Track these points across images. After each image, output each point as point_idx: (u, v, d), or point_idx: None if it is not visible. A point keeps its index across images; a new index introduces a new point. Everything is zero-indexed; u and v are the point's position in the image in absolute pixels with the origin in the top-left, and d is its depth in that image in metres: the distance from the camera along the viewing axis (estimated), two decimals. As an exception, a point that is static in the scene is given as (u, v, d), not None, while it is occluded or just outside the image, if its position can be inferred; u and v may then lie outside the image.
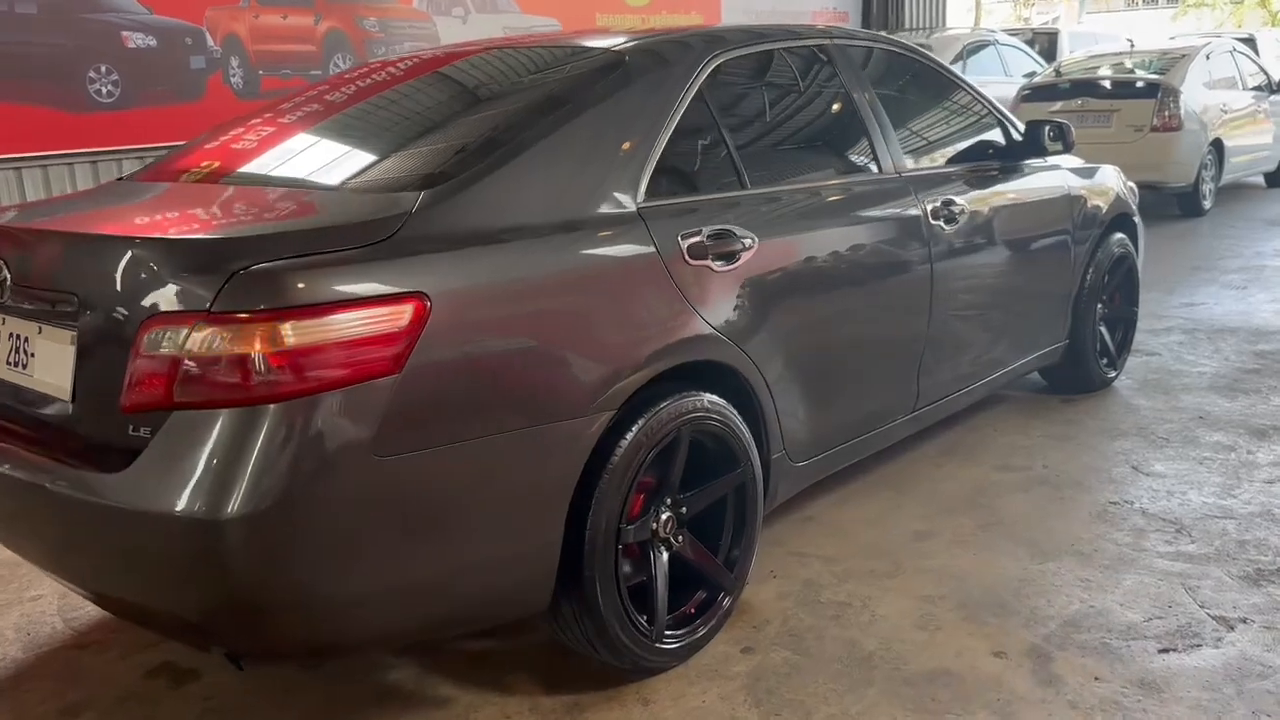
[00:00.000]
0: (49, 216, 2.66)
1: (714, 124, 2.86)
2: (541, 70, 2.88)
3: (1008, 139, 4.04)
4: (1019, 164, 4.02)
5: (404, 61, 3.15)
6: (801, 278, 2.94)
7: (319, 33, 9.25)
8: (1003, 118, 4.05)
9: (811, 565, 3.20)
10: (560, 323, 2.30)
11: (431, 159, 2.47)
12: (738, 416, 2.74)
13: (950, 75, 3.89)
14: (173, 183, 2.76)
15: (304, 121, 2.90)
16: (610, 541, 2.42)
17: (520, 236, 2.29)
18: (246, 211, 2.37)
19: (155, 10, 8.20)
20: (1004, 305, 3.90)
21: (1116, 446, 4.07)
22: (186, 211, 2.44)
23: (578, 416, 2.30)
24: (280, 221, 2.28)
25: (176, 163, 2.92)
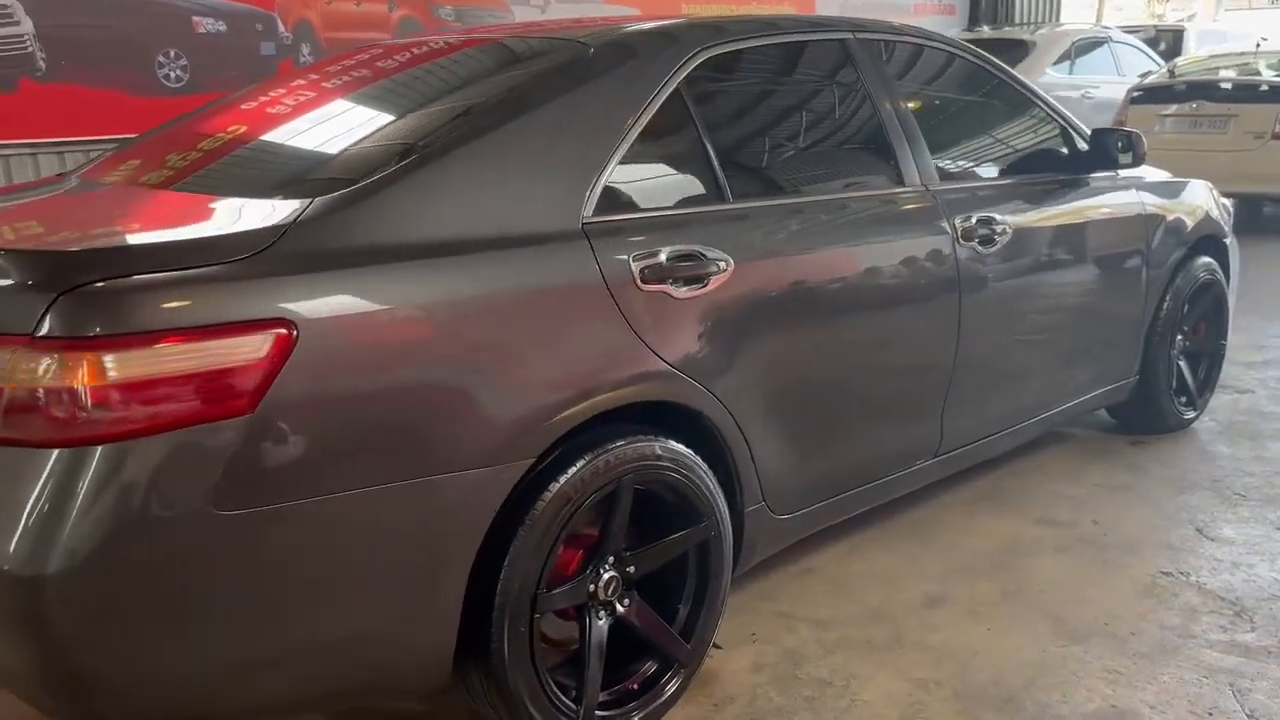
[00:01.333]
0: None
1: (693, 128, 2.50)
2: (500, 67, 2.56)
3: (1071, 150, 3.57)
4: (1083, 178, 3.54)
5: (360, 55, 2.86)
6: (788, 306, 2.57)
7: (393, 20, 9.11)
8: (1067, 126, 3.58)
9: (800, 630, 2.82)
10: (466, 357, 1.98)
11: (341, 164, 2.18)
12: (701, 464, 2.39)
13: (1005, 77, 3.43)
14: (88, 181, 2.53)
15: (243, 120, 2.63)
16: (525, 608, 2.09)
17: (424, 255, 1.98)
18: (121, 219, 2.12)
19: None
20: (1056, 337, 3.45)
21: (1182, 502, 3.56)
22: (65, 216, 2.20)
23: (483, 466, 1.98)
24: (144, 232, 2.02)
25: (114, 159, 2.70)
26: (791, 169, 2.84)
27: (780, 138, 2.86)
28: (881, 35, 3.09)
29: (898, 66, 3.16)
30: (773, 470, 2.60)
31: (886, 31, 3.13)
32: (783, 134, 2.87)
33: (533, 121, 2.23)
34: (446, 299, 1.97)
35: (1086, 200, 3.51)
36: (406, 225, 1.99)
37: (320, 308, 1.83)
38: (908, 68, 3.21)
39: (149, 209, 2.17)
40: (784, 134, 2.87)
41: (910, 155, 2.95)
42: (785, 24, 2.88)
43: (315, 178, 2.10)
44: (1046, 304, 3.37)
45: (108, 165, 2.63)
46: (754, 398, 2.49)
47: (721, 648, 2.73)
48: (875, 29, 3.08)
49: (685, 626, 2.45)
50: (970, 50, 3.35)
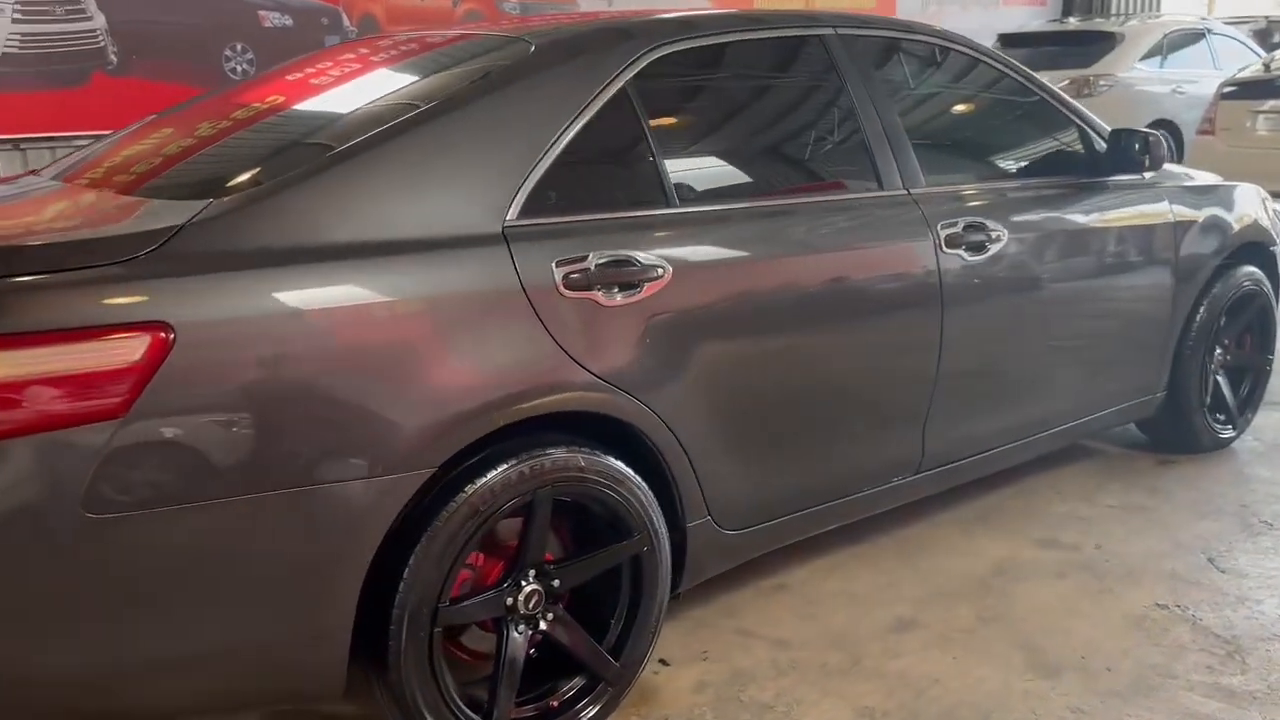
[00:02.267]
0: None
1: (641, 129, 2.41)
2: (443, 68, 2.50)
3: (1088, 152, 3.37)
4: (1098, 182, 3.33)
5: (321, 59, 2.82)
6: (736, 316, 2.46)
7: (457, 14, 9.17)
8: (1086, 126, 3.37)
9: (755, 650, 2.71)
10: (357, 365, 1.93)
11: (250, 164, 2.14)
12: (633, 478, 2.30)
13: (1015, 74, 3.24)
14: (41, 180, 2.56)
15: (192, 122, 2.61)
16: (424, 620, 2.04)
17: (316, 259, 1.94)
18: (29, 218, 2.13)
19: (292, -10, 8.31)
20: (1063, 350, 3.26)
21: (1200, 529, 3.34)
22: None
23: (373, 476, 1.94)
24: (41, 233, 2.02)
25: (79, 159, 2.72)
26: (751, 172, 2.73)
27: (741, 140, 2.75)
28: (869, 31, 2.95)
29: (889, 64, 3.02)
30: (719, 485, 2.51)
31: (877, 27, 2.99)
32: (743, 136, 2.76)
33: (454, 123, 2.18)
34: (338, 304, 1.93)
35: (1099, 205, 3.30)
36: (302, 229, 1.95)
37: (200, 311, 1.81)
38: (901, 65, 3.06)
39: (67, 209, 2.18)
40: (745, 136, 2.76)
41: (892, 158, 2.81)
42: (757, 20, 2.76)
43: (230, 181, 2.07)
44: (1050, 315, 3.18)
45: (79, 163, 2.66)
46: (696, 410, 2.40)
47: (669, 664, 2.65)
48: (863, 24, 2.94)
49: (616, 644, 2.38)
50: (975, 47, 3.17)
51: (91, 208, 2.16)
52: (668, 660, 2.66)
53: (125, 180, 2.26)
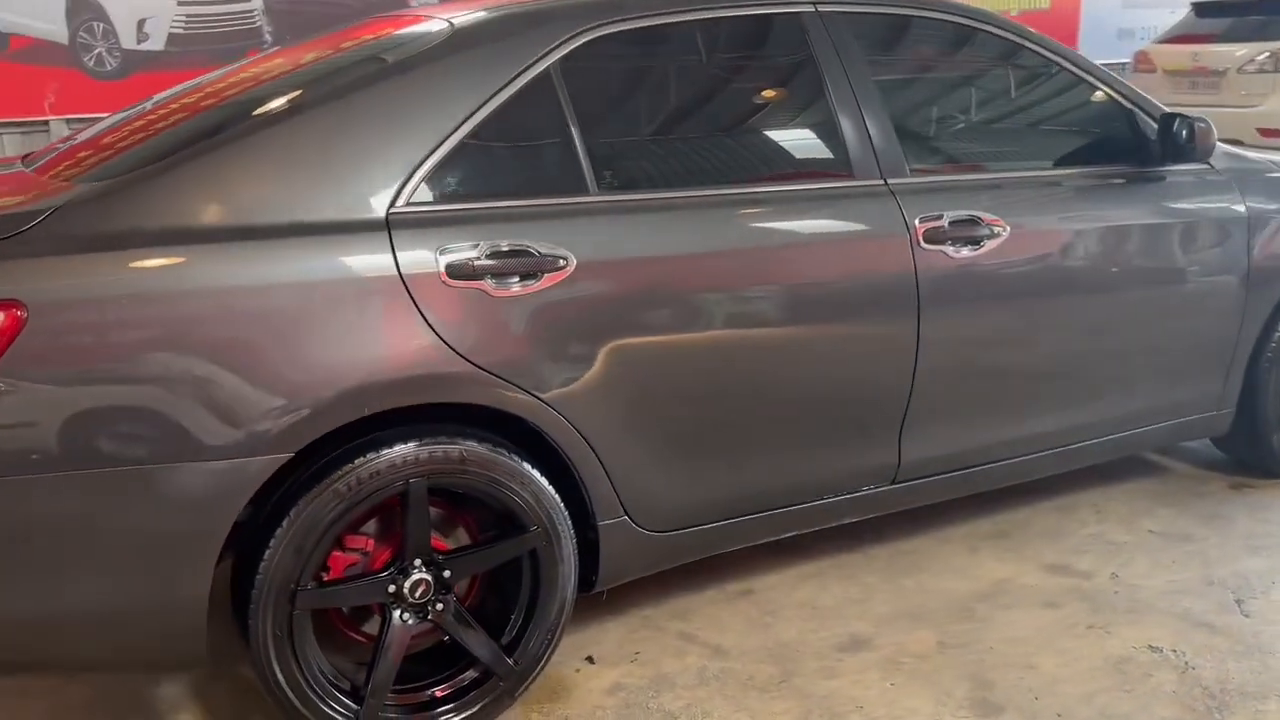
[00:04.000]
0: None
1: (561, 115, 2.33)
2: (369, 51, 2.47)
3: (1136, 138, 3.02)
4: (1144, 171, 3.00)
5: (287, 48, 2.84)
6: (655, 312, 2.36)
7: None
8: (1135, 108, 3.02)
9: (689, 655, 2.62)
10: (214, 348, 1.97)
11: (153, 152, 2.18)
12: (526, 472, 2.26)
13: (1043, 50, 2.92)
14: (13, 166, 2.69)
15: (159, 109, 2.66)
16: (284, 602, 2.08)
17: (187, 241, 1.99)
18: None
19: (440, -30, 8.53)
20: (1086, 359, 2.97)
21: (1243, 567, 2.98)
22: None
23: (225, 458, 1.98)
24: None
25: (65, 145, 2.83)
26: (692, 161, 2.59)
27: (684, 126, 2.63)
28: (859, 7, 2.74)
29: (884, 43, 2.81)
30: (638, 485, 2.42)
31: (870, 2, 2.77)
32: (689, 122, 2.63)
33: (344, 109, 2.17)
34: (197, 287, 1.97)
35: (1142, 197, 2.97)
36: (172, 212, 2.00)
37: (57, 290, 1.89)
38: (900, 44, 2.84)
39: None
40: (690, 122, 2.63)
41: (868, 145, 2.61)
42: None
43: (126, 167, 2.13)
44: (1070, 320, 2.89)
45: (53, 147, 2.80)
46: (606, 409, 2.32)
47: (594, 662, 2.59)
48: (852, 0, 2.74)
49: (512, 641, 2.35)
50: (996, 21, 2.88)
51: (12, 193, 2.27)
52: (595, 658, 2.61)
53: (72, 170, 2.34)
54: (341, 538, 2.21)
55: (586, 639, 2.69)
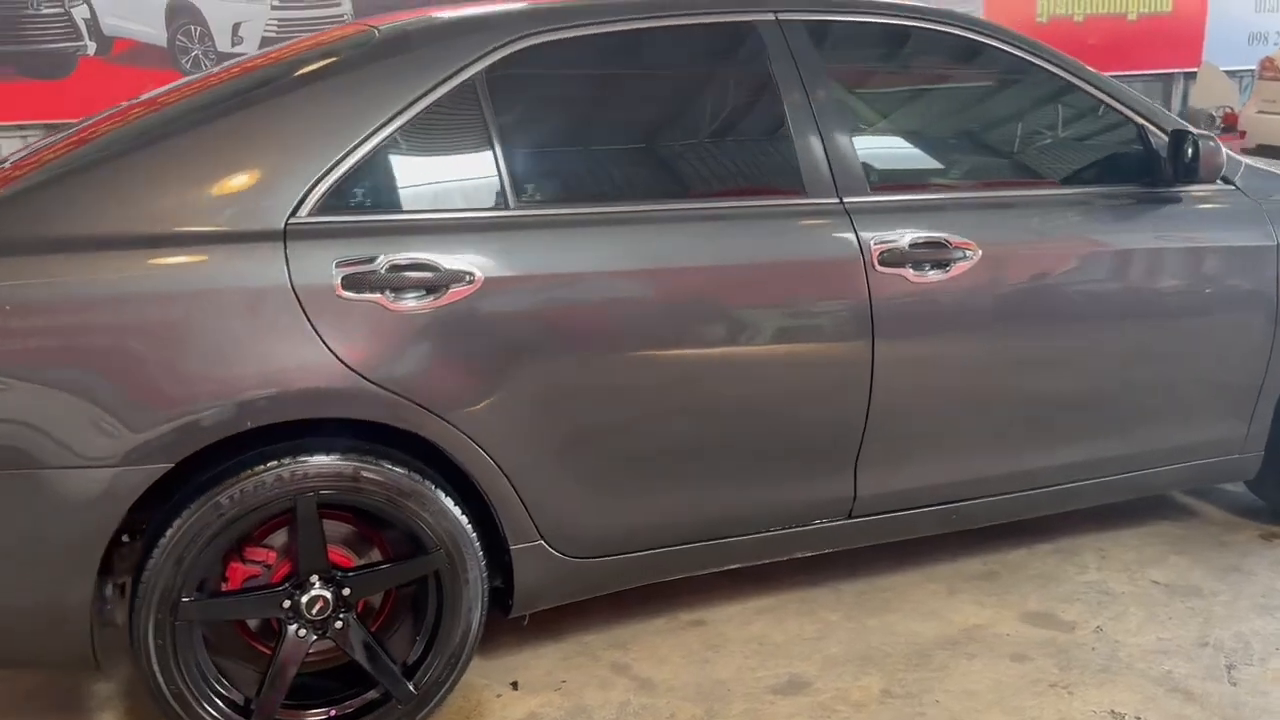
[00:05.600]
0: None
1: (483, 126, 2.27)
2: (299, 61, 2.43)
3: (1146, 156, 2.78)
4: (1147, 191, 2.76)
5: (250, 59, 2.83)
6: (574, 330, 2.27)
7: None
8: (1145, 122, 2.78)
9: (615, 688, 2.52)
10: (93, 356, 1.98)
11: (60, 164, 2.19)
12: (428, 492, 2.20)
13: (1031, 57, 2.69)
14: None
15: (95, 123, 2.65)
16: (165, 612, 2.07)
17: (76, 249, 2.00)
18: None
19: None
20: (1078, 394, 2.75)
21: (1250, 628, 2.71)
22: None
23: (103, 467, 1.98)
24: None
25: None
26: (623, 177, 2.49)
27: (619, 140, 2.52)
28: (827, 16, 2.59)
29: (855, 54, 2.65)
30: (556, 510, 2.34)
31: (842, 11, 2.61)
32: (623, 136, 2.53)
33: (246, 119, 2.16)
34: (81, 294, 1.98)
35: (1145, 220, 2.74)
36: (64, 220, 2.02)
37: (-59, 295, 1.92)
38: (871, 55, 2.68)
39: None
40: (625, 136, 2.53)
41: (824, 161, 2.46)
42: (674, 7, 2.49)
43: (37, 178, 2.15)
44: (1057, 351, 2.68)
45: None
46: (516, 427, 2.25)
47: (518, 688, 2.52)
48: (821, 9, 2.59)
49: (415, 664, 2.29)
50: (978, 26, 2.68)
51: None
52: (521, 684, 2.54)
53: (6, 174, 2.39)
54: (243, 550, 2.20)
55: (519, 663, 2.62)
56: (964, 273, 2.52)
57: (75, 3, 7.22)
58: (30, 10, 7.11)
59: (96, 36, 7.30)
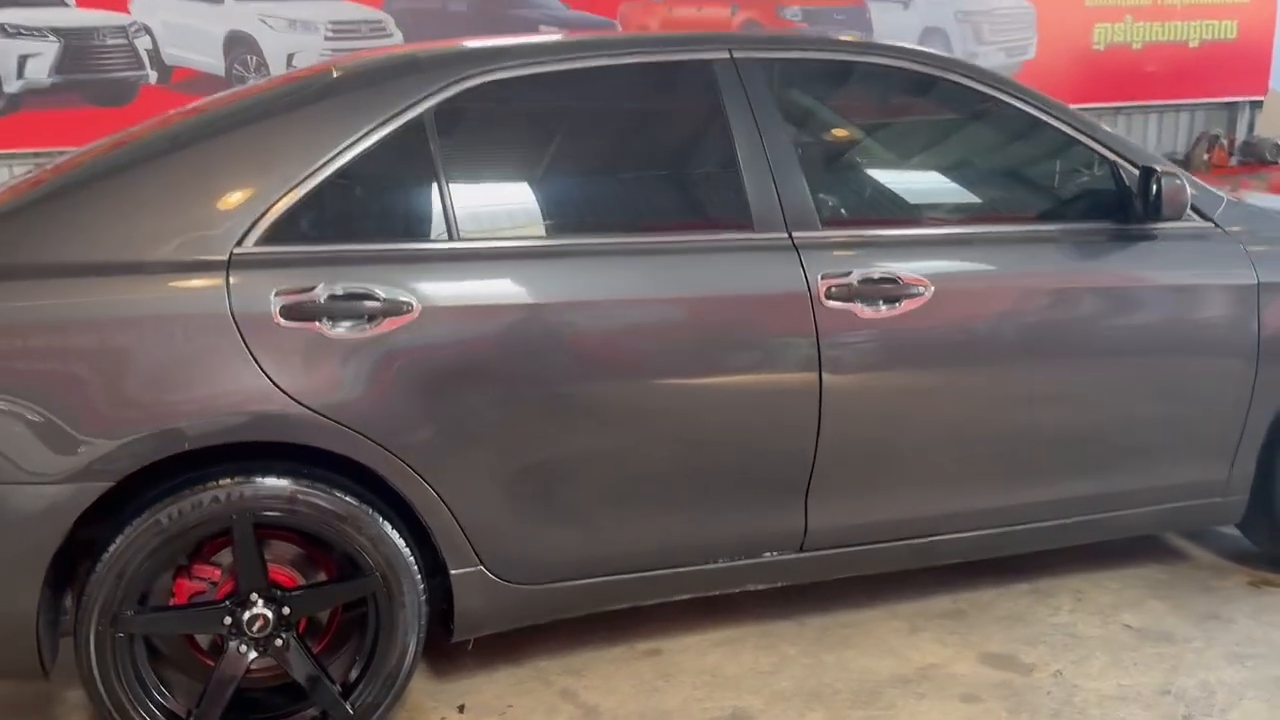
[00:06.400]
0: None
1: (429, 162, 2.34)
2: (262, 98, 2.52)
3: (1114, 190, 2.74)
4: (1124, 228, 2.72)
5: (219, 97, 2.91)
6: (511, 360, 2.32)
7: (734, 23, 9.14)
8: (1117, 157, 2.73)
9: (561, 714, 2.55)
10: (45, 377, 2.09)
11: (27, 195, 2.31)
12: (364, 515, 2.26)
13: (995, 93, 2.67)
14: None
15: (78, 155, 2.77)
16: (105, 625, 2.16)
17: (28, 276, 2.11)
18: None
19: (572, 6, 8.73)
20: (1039, 432, 2.72)
21: (1218, 677, 2.63)
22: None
23: (46, 483, 2.08)
24: None
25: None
26: (568, 211, 2.54)
27: (565, 175, 2.57)
28: (782, 54, 2.62)
29: (811, 91, 2.67)
30: (495, 536, 2.38)
31: (797, 48, 2.64)
32: (569, 172, 2.58)
33: (197, 153, 2.26)
34: (28, 319, 2.08)
35: (1112, 258, 2.70)
36: (15, 248, 2.13)
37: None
38: (831, 92, 2.69)
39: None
40: (571, 172, 2.58)
41: (772, 196, 2.48)
42: (625, 44, 2.55)
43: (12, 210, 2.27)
44: (1011, 390, 2.66)
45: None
46: (453, 454, 2.30)
47: (463, 711, 2.57)
48: (776, 45, 2.63)
49: (353, 684, 2.35)
50: (938, 62, 2.67)
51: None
52: (467, 707, 2.58)
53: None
54: (191, 567, 2.28)
55: (472, 686, 2.66)
56: (916, 309, 2.51)
57: (138, 34, 7.51)
58: (96, 41, 7.42)
59: (158, 65, 7.58)
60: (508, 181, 2.55)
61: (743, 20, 9.18)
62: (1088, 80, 9.70)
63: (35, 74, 7.07)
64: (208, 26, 7.55)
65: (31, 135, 6.98)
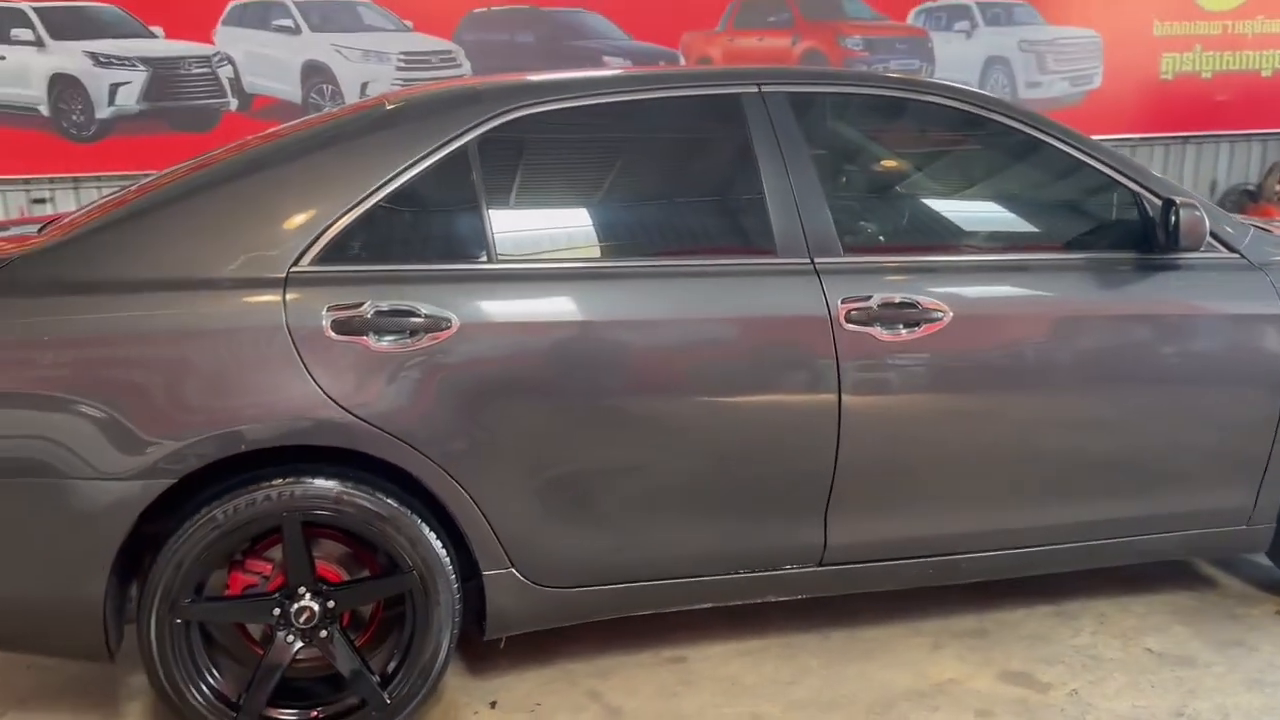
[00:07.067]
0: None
1: (472, 188, 2.51)
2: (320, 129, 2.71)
3: (1138, 221, 2.81)
4: (1147, 258, 2.78)
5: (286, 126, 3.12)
6: (545, 374, 2.46)
7: (795, 54, 9.27)
8: (1142, 189, 2.80)
9: (585, 713, 2.68)
10: (118, 382, 2.28)
11: (103, 218, 2.52)
12: (404, 516, 2.42)
13: (1019, 125, 2.76)
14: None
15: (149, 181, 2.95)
16: (165, 611, 2.35)
17: (107, 290, 2.32)
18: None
19: (635, 36, 8.94)
20: (1059, 456, 2.78)
21: (1229, 702, 2.67)
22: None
23: (116, 478, 2.27)
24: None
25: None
26: (601, 235, 2.68)
27: (598, 202, 2.72)
28: (809, 88, 2.75)
29: (835, 122, 2.79)
30: (526, 540, 2.52)
31: (824, 83, 2.77)
32: (603, 198, 2.72)
33: (263, 179, 2.45)
34: (108, 329, 2.29)
35: (1134, 288, 2.76)
36: (94, 266, 2.34)
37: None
38: (857, 123, 2.81)
39: None
40: (605, 198, 2.72)
41: (795, 223, 2.60)
42: (659, 80, 2.69)
43: (85, 227, 2.49)
44: (1032, 415, 2.73)
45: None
46: (486, 461, 2.45)
47: (495, 707, 2.71)
48: (804, 80, 2.75)
49: (390, 675, 2.51)
50: (961, 95, 2.77)
51: (7, 246, 2.64)
52: (499, 703, 2.72)
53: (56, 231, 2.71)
54: (245, 561, 2.47)
55: (504, 684, 2.81)
56: (934, 333, 2.61)
57: (221, 63, 7.89)
58: (182, 70, 7.81)
59: (239, 93, 7.94)
60: (543, 207, 2.71)
61: (804, 49, 9.32)
62: (1155, 110, 9.64)
63: (125, 101, 7.48)
64: (286, 57, 7.91)
65: (121, 159, 7.38)
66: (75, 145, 7.39)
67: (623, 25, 8.80)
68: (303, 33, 7.93)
